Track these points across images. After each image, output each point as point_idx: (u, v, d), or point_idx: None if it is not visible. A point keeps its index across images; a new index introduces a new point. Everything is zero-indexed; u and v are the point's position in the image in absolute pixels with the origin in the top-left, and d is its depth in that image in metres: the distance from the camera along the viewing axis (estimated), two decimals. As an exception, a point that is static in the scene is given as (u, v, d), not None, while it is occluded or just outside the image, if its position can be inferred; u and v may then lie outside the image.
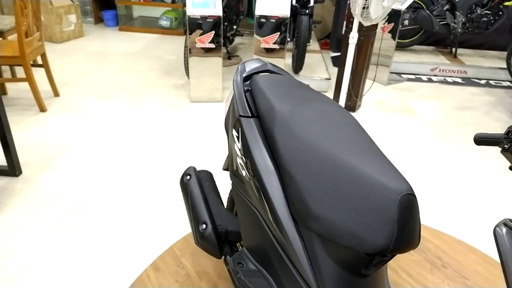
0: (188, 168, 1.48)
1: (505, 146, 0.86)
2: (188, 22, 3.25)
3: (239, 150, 1.15)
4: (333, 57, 4.99)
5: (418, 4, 4.79)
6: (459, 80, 4.61)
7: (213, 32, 3.29)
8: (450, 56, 5.07)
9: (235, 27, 4.30)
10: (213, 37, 3.31)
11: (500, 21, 4.58)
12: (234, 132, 1.19)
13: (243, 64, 1.31)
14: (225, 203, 1.55)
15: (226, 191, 1.64)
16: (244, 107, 1.15)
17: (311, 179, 0.91)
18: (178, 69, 4.33)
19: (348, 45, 3.05)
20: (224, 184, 1.90)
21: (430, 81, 4.53)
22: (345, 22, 3.34)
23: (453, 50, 5.09)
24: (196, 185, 1.40)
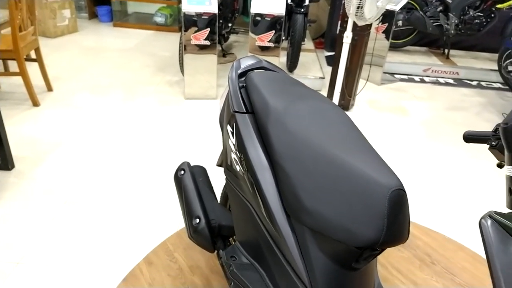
0: (182, 163, 1.49)
1: (493, 143, 0.89)
2: (184, 19, 3.26)
3: (234, 146, 1.16)
4: (328, 57, 5.02)
5: (412, 5, 4.83)
6: (451, 81, 4.66)
7: (208, 29, 3.29)
8: (443, 57, 5.12)
9: (230, 25, 4.30)
10: (208, 34, 3.32)
11: (492, 23, 4.63)
12: (229, 128, 1.20)
13: (238, 61, 1.32)
14: (219, 199, 1.56)
15: (220, 187, 1.65)
16: (239, 103, 1.17)
17: (304, 174, 0.93)
18: (173, 66, 4.33)
19: (342, 44, 3.07)
20: (218, 180, 1.91)
21: (423, 82, 4.57)
22: (340, 22, 3.36)
23: (446, 51, 5.14)
24: (190, 180, 1.41)
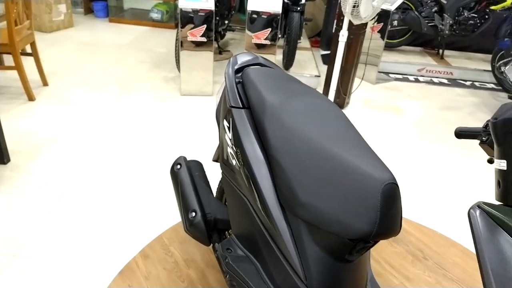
0: (179, 158, 1.50)
1: (483, 139, 0.92)
2: (180, 15, 3.26)
3: (230, 140, 1.18)
4: (323, 55, 5.04)
5: (407, 5, 4.87)
6: (445, 81, 4.70)
7: (205, 26, 3.30)
8: (437, 58, 5.16)
9: (227, 22, 4.31)
10: (205, 31, 3.32)
11: (486, 25, 4.68)
12: (225, 123, 1.22)
13: (235, 57, 1.33)
14: (215, 193, 1.57)
15: (216, 182, 1.67)
16: (236, 99, 1.18)
17: (299, 168, 0.94)
18: (169, 62, 4.33)
19: (338, 43, 3.10)
20: (214, 175, 1.93)
21: (417, 81, 4.61)
22: (336, 20, 3.38)
23: (440, 52, 5.19)
24: (186, 174, 1.42)
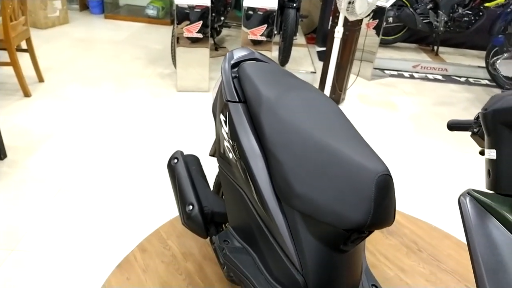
0: (176, 152, 1.52)
1: (474, 130, 0.94)
2: (176, 12, 3.26)
3: (227, 134, 1.19)
4: (319, 52, 5.06)
5: (403, 2, 4.89)
6: (440, 77, 4.74)
7: (201, 22, 3.31)
8: (432, 54, 5.19)
9: (223, 19, 4.32)
10: (201, 27, 3.33)
11: (481, 21, 4.71)
12: (222, 117, 1.23)
13: (231, 52, 1.35)
14: (212, 187, 1.59)
15: (212, 176, 1.68)
16: (232, 93, 1.19)
17: (295, 160, 0.96)
18: (164, 59, 4.33)
19: (334, 39, 3.11)
20: (211, 169, 1.94)
21: (412, 78, 4.64)
22: (331, 17, 3.39)
23: (435, 48, 5.22)
24: (183, 168, 1.44)
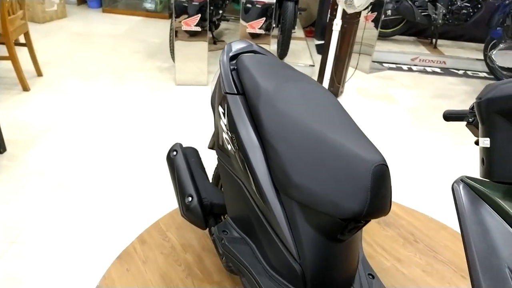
0: (175, 144, 1.53)
1: (470, 120, 0.95)
2: (174, 5, 3.25)
3: (225, 126, 1.20)
4: (318, 45, 5.05)
5: (401, -5, 4.88)
6: (438, 70, 4.74)
7: (199, 16, 3.30)
8: (430, 47, 5.19)
9: (221, 12, 4.31)
10: (199, 21, 3.32)
11: (479, 14, 4.71)
12: (220, 109, 1.24)
13: (230, 44, 1.35)
14: (211, 179, 1.60)
15: (211, 168, 1.70)
16: (230, 85, 1.20)
17: (293, 151, 0.97)
18: (163, 52, 4.32)
19: (332, 32, 3.11)
20: (209, 162, 1.95)
21: (410, 71, 4.64)
22: (330, 10, 3.39)
23: (434, 41, 5.22)
24: (182, 160, 1.45)
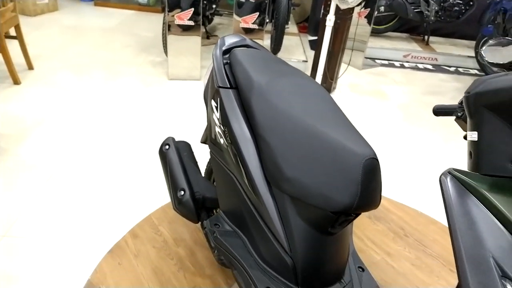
0: (167, 138, 1.53)
1: (459, 114, 0.97)
2: (167, -1, 3.24)
3: (218, 119, 1.20)
4: (311, 41, 5.06)
5: (394, -9, 4.89)
6: (430, 67, 4.78)
7: (192, 10, 3.28)
8: (423, 44, 5.22)
9: (214, 6, 4.29)
10: (192, 15, 3.31)
11: (471, 11, 4.74)
12: (213, 103, 1.25)
13: (223, 38, 1.36)
14: (203, 174, 1.60)
15: (204, 163, 1.70)
16: (223, 79, 1.21)
17: (285, 144, 0.98)
18: (155, 47, 4.30)
19: (325, 28, 3.11)
20: (202, 156, 1.95)
21: (402, 67, 4.67)
22: (323, 5, 3.39)
23: (426, 38, 5.25)
24: (175, 154, 1.45)
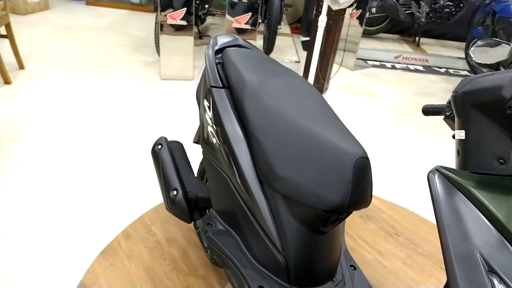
0: (160, 138, 1.53)
1: (447, 114, 0.98)
2: (160, -2, 3.23)
3: (210, 119, 1.21)
4: (303, 42, 5.08)
5: (386, -7, 4.93)
6: (421, 68, 4.82)
7: (185, 9, 3.28)
8: (414, 45, 5.27)
9: (207, 6, 4.29)
10: (185, 15, 3.31)
11: (461, 13, 4.80)
12: (206, 102, 1.25)
13: (215, 38, 1.36)
14: (196, 174, 1.60)
15: (196, 163, 1.70)
16: (216, 78, 1.21)
17: (277, 144, 0.99)
18: (148, 46, 4.29)
19: (317, 28, 3.13)
20: (194, 156, 1.96)
21: (394, 68, 4.71)
22: (316, 6, 3.41)
23: (417, 39, 5.30)
24: (167, 154, 1.45)
